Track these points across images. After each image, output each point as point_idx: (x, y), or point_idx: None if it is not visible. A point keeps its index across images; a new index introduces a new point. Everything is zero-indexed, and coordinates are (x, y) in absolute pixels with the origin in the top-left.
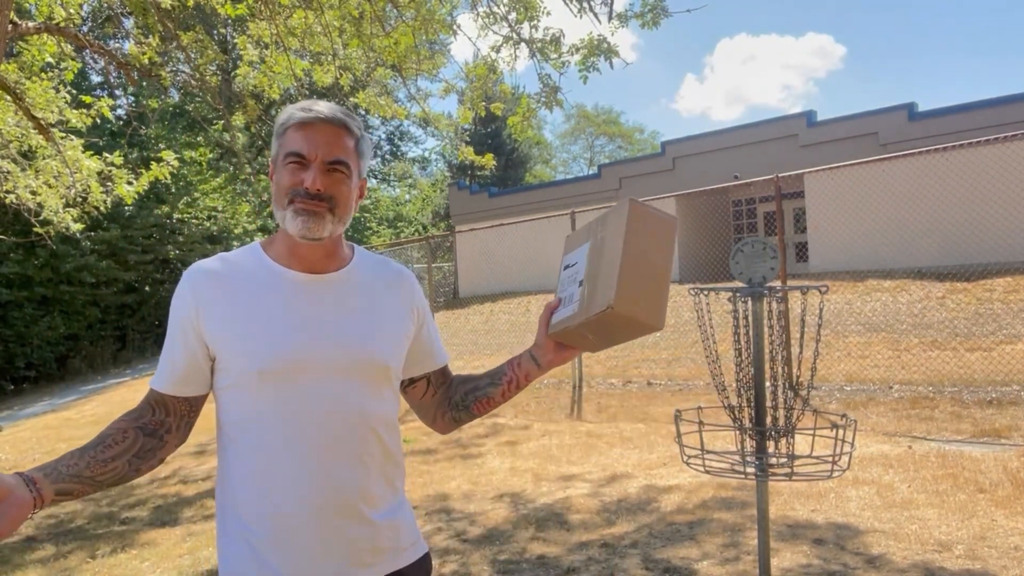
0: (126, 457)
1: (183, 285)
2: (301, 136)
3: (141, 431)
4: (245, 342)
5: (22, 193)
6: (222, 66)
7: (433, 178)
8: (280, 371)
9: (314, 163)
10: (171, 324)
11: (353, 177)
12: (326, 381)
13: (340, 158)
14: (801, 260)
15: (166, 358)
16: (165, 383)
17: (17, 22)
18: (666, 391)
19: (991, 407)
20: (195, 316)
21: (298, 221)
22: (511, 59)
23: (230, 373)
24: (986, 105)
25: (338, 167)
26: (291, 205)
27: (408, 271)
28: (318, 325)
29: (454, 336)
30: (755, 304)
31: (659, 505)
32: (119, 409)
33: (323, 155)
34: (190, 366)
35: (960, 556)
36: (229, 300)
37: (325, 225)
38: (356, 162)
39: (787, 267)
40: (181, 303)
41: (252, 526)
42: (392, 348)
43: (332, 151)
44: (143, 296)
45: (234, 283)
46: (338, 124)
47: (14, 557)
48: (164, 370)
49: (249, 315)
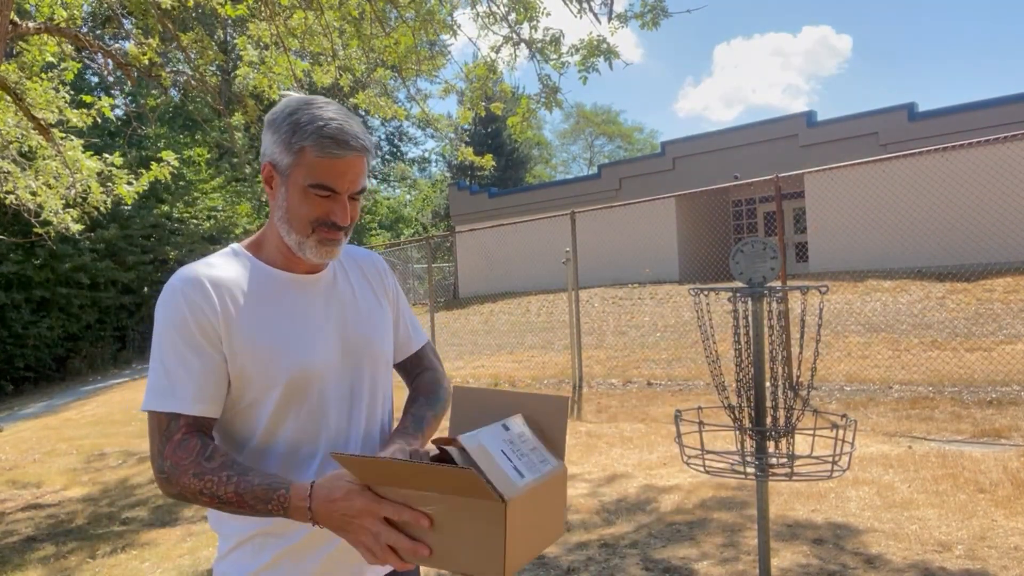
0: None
1: (191, 293)
2: (335, 170)
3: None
4: (273, 354)
5: (22, 194)
6: (222, 67)
7: (433, 178)
8: (305, 379)
9: (344, 195)
10: (181, 335)
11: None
12: (340, 381)
13: (364, 186)
14: (801, 260)
15: (183, 374)
16: (195, 404)
17: (17, 22)
18: (666, 391)
19: (991, 407)
20: (219, 325)
21: (321, 251)
22: (511, 59)
23: (253, 387)
24: (986, 105)
25: (360, 195)
26: (314, 234)
27: (376, 255)
28: (328, 327)
29: (454, 336)
30: (755, 304)
31: (658, 505)
32: (119, 409)
33: (352, 188)
34: (220, 381)
35: (960, 556)
36: (247, 310)
37: (341, 249)
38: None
39: (787, 267)
40: (195, 312)
41: (273, 533)
42: (387, 337)
43: (359, 181)
44: (142, 297)
45: (243, 291)
46: (365, 152)
47: (14, 557)
48: (190, 388)
49: (271, 325)
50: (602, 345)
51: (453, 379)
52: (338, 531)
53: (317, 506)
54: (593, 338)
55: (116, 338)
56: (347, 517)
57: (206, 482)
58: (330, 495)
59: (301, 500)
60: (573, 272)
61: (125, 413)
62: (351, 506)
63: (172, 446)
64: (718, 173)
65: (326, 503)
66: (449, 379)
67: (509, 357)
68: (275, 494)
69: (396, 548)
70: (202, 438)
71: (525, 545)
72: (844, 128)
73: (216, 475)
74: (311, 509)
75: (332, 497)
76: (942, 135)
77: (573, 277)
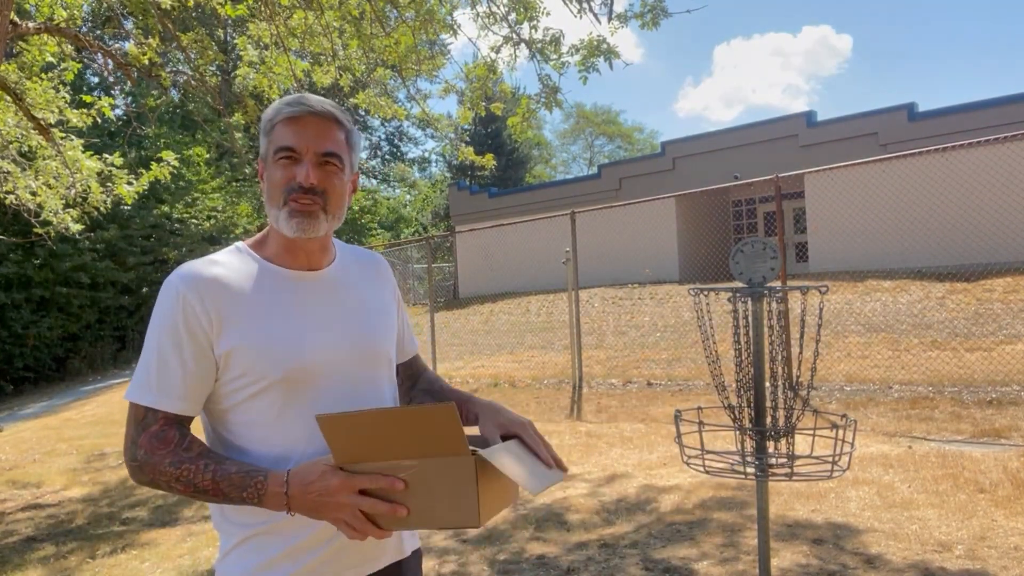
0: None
1: (185, 292)
2: (291, 130)
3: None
4: (268, 349)
5: (22, 194)
6: (222, 67)
7: (433, 178)
8: (303, 374)
9: (306, 157)
10: (169, 334)
11: (346, 170)
12: (343, 379)
13: (332, 150)
14: (801, 260)
15: (167, 372)
16: (176, 401)
17: (17, 22)
18: (666, 391)
19: (991, 407)
20: (209, 326)
21: (292, 223)
22: (511, 59)
23: (249, 384)
24: (986, 105)
25: (331, 159)
26: (286, 205)
27: (379, 256)
28: (329, 324)
29: (454, 336)
30: (755, 304)
31: (658, 505)
32: (119, 409)
33: (315, 148)
34: (203, 382)
35: (960, 556)
36: (244, 307)
37: (320, 224)
38: (348, 155)
39: (787, 267)
40: (187, 312)
41: (274, 532)
42: (390, 338)
43: (324, 143)
44: (142, 297)
45: (242, 288)
46: (328, 116)
47: (14, 557)
48: (172, 386)
49: (267, 321)
50: (602, 345)
51: (453, 379)
52: (316, 513)
53: (293, 491)
54: (593, 338)
55: (116, 338)
56: (323, 496)
57: (183, 470)
58: (305, 479)
59: (278, 487)
60: (573, 272)
61: (125, 413)
62: (327, 486)
63: (148, 436)
64: (718, 173)
65: (302, 487)
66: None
67: (509, 357)
68: (252, 480)
69: (374, 514)
70: (180, 430)
71: (492, 501)
72: (844, 128)
73: (193, 463)
74: (287, 495)
75: (307, 480)
76: (942, 135)
77: (573, 277)
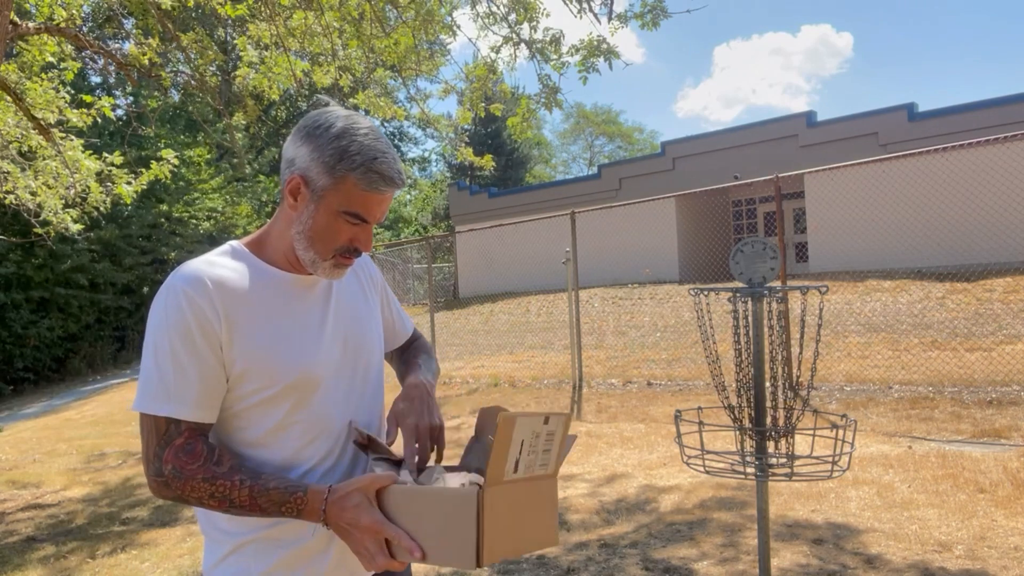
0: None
1: (193, 294)
2: (372, 202)
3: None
4: (279, 354)
5: (22, 193)
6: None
7: (433, 178)
8: (311, 380)
9: (371, 223)
10: (182, 338)
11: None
12: (339, 386)
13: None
14: (801, 260)
15: (185, 380)
16: (196, 410)
17: (17, 22)
18: (666, 391)
19: (991, 407)
20: (220, 329)
21: (333, 273)
22: (511, 60)
23: (261, 389)
24: (986, 105)
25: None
26: (333, 258)
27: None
28: (331, 328)
29: (454, 336)
30: (755, 304)
31: (658, 505)
32: (119, 409)
33: (381, 219)
34: (220, 387)
35: (960, 556)
36: (250, 310)
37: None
38: None
39: (787, 267)
40: (198, 315)
41: (272, 538)
42: (379, 330)
43: (385, 213)
44: (141, 297)
45: (245, 291)
46: (403, 186)
47: (14, 557)
48: (192, 394)
49: (275, 325)
50: (602, 345)
51: (453, 379)
52: (341, 536)
53: (330, 511)
54: (593, 338)
55: (115, 338)
56: (351, 528)
57: (218, 486)
58: (343, 503)
59: (318, 503)
60: (573, 272)
61: (125, 413)
62: (358, 521)
63: (174, 450)
64: (718, 173)
65: (339, 510)
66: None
67: (509, 357)
68: (292, 496)
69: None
70: (207, 442)
71: (505, 539)
72: (844, 128)
73: (228, 479)
74: (325, 511)
75: (344, 506)
76: (942, 135)
77: (573, 277)
